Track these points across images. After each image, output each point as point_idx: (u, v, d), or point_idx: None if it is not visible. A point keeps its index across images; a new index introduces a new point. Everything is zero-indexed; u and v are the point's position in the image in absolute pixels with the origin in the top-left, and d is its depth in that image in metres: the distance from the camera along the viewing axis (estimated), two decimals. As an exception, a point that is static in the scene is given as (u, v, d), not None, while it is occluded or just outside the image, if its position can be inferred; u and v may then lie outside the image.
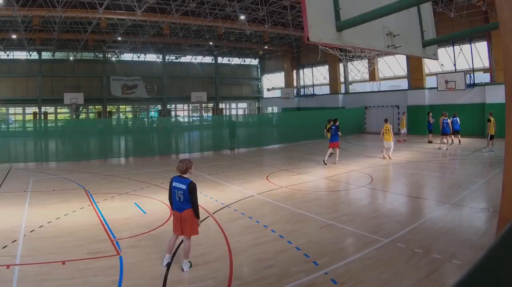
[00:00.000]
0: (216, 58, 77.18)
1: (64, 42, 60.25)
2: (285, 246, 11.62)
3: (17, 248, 11.55)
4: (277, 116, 57.81)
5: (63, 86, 64.36)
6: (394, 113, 48.91)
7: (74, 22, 49.51)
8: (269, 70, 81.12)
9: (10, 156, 33.30)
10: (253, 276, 9.71)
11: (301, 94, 70.04)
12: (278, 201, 17.31)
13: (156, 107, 75.00)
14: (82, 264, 10.44)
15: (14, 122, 59.61)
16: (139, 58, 71.60)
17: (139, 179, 22.92)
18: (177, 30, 54.46)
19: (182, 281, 9.50)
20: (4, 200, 17.99)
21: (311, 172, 24.52)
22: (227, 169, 26.77)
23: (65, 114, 68.57)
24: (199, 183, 21.59)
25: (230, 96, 79.65)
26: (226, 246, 11.75)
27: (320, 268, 9.90)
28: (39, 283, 9.33)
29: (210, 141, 42.72)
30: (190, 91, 72.13)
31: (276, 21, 49.82)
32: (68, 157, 32.62)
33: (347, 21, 9.04)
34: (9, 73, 62.35)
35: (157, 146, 37.47)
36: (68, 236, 12.66)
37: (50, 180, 23.75)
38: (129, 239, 12.55)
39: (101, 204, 17.09)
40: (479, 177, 21.79)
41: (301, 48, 68.91)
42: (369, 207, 16.41)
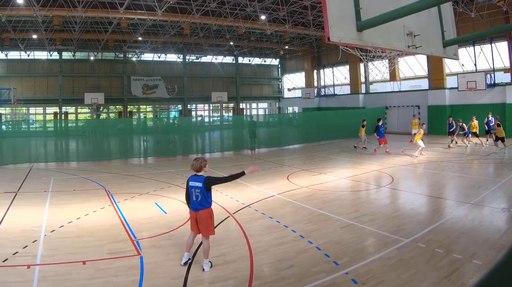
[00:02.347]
0: (236, 58, 77.28)
1: (85, 42, 60.67)
2: (306, 246, 11.58)
3: (38, 248, 11.60)
4: (297, 116, 57.73)
5: (83, 86, 64.88)
6: (415, 113, 48.36)
7: (95, 22, 49.90)
8: (289, 70, 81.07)
9: (30, 156, 33.50)
10: (273, 276, 9.67)
11: (321, 94, 69.80)
12: (299, 201, 17.28)
13: (177, 107, 75.22)
14: (102, 264, 10.47)
15: (35, 122, 59.92)
16: (159, 58, 71.89)
17: (159, 179, 22.97)
18: (197, 30, 54.55)
19: (202, 281, 9.48)
20: (25, 200, 18.10)
21: (331, 172, 24.47)
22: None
23: (85, 114, 69.03)
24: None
25: (251, 96, 79.76)
26: (246, 246, 11.73)
27: (340, 268, 9.87)
28: (60, 283, 9.37)
29: (231, 141, 42.70)
30: (210, 91, 72.20)
31: (297, 21, 49.80)
32: (88, 157, 32.77)
33: (368, 21, 8.99)
34: (29, 73, 62.94)
35: (177, 146, 37.51)
36: (89, 236, 12.72)
37: (71, 180, 23.88)
38: (150, 239, 12.58)
39: (121, 204, 17.16)
40: (500, 176, 21.72)
41: (321, 48, 68.77)
42: (389, 207, 16.32)
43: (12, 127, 47.32)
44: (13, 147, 35.07)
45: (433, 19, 11.65)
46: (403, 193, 19.16)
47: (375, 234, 12.64)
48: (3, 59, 61.75)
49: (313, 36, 60.55)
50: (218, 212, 15.15)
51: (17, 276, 9.71)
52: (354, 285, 9.01)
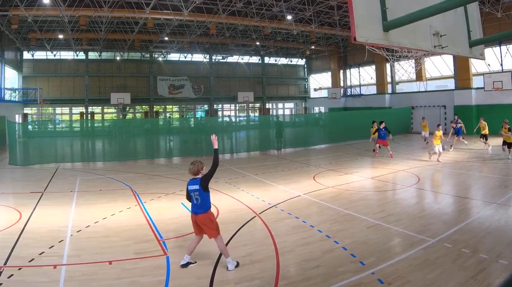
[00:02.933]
0: (263, 58, 77.26)
1: (111, 42, 61.10)
2: (332, 246, 11.59)
3: (64, 248, 11.67)
4: (323, 116, 57.62)
5: (110, 86, 65.39)
6: (441, 114, 48.51)
7: (121, 22, 50.23)
8: (315, 70, 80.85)
9: (57, 156, 33.76)
10: (299, 276, 9.66)
11: (347, 94, 69.71)
12: (325, 201, 17.27)
13: (203, 107, 75.41)
14: (128, 264, 10.53)
15: (61, 122, 60.35)
16: (185, 58, 72.16)
17: (185, 179, 22.66)
18: (224, 30, 54.54)
19: (228, 281, 9.48)
20: (51, 200, 18.25)
21: (357, 172, 24.43)
22: (274, 169, 26.76)
23: (111, 114, 69.60)
24: (246, 183, 21.69)
25: (277, 96, 79.70)
26: (272, 246, 11.72)
27: (366, 268, 9.88)
28: (86, 283, 9.42)
29: (257, 141, 42.72)
30: (237, 91, 72.32)
31: (323, 21, 49.63)
32: (114, 157, 32.92)
33: (394, 21, 8.92)
34: (55, 73, 63.60)
35: (204, 145, 37.56)
36: (115, 236, 12.79)
37: (97, 180, 24.07)
38: (176, 239, 12.62)
39: (148, 204, 17.25)
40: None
41: (348, 48, 68.60)
42: (415, 207, 16.26)
43: (38, 128, 47.72)
44: (39, 147, 35.37)
45: (459, 19, 11.54)
46: (429, 193, 19.21)
47: (401, 234, 12.62)
48: (29, 59, 62.39)
49: (340, 36, 60.37)
50: (244, 212, 15.49)
51: (43, 276, 9.77)
52: (380, 285, 9.03)
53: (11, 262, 10.56)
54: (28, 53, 61.68)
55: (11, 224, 13.82)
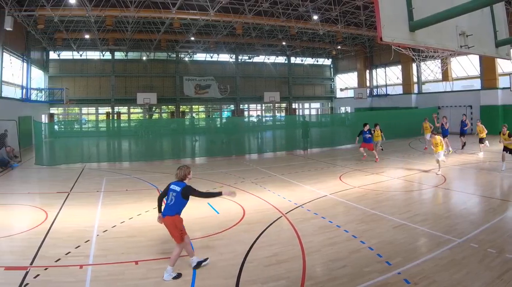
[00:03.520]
0: (289, 58, 77.00)
1: (137, 42, 61.46)
2: (358, 246, 11.61)
3: (90, 248, 11.76)
4: (350, 116, 57.52)
5: (136, 86, 65.74)
6: (467, 114, 47.76)
7: (147, 22, 50.53)
8: (342, 70, 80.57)
9: (83, 155, 34.00)
10: (326, 276, 9.69)
11: (374, 94, 69.59)
12: (351, 201, 17.28)
13: (229, 107, 75.50)
14: (155, 264, 10.59)
15: (87, 122, 60.76)
16: (212, 58, 72.22)
17: (212, 179, 23.03)
18: (250, 30, 54.55)
19: (255, 281, 9.46)
20: (77, 200, 18.38)
21: (384, 172, 24.38)
22: (300, 169, 26.67)
23: (138, 114, 69.98)
24: (272, 183, 21.62)
25: (303, 96, 79.46)
26: (299, 246, 11.72)
27: (393, 268, 9.91)
28: (112, 283, 9.49)
29: (283, 141, 42.69)
30: (263, 91, 72.35)
31: (349, 21, 49.39)
32: (141, 157, 33.04)
33: (420, 21, 8.89)
34: (82, 73, 64.10)
35: (230, 146, 37.57)
36: (141, 236, 12.85)
37: (123, 180, 24.23)
38: (202, 239, 12.66)
39: (173, 204, 17.15)
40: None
41: (374, 48, 68.38)
42: (442, 207, 16.29)
43: (64, 128, 48.03)
44: (66, 147, 35.63)
45: (485, 19, 11.46)
46: (456, 193, 19.05)
47: (428, 234, 12.62)
48: (55, 59, 62.93)
49: (366, 36, 60.10)
50: (270, 212, 15.52)
51: (69, 276, 9.84)
52: (407, 285, 9.06)
53: (37, 262, 10.63)
54: (54, 53, 62.19)
55: (37, 224, 13.93)
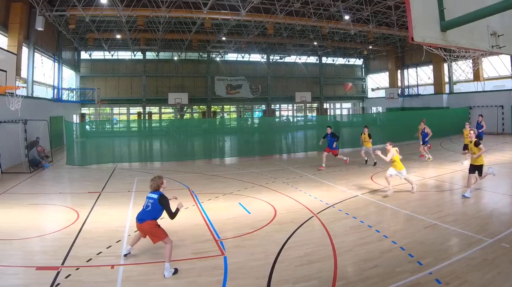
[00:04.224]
0: (320, 58, 76.87)
1: (169, 42, 61.77)
2: (390, 246, 11.65)
3: (122, 248, 11.83)
4: (381, 116, 57.34)
5: (167, 86, 66.11)
6: (499, 114, 47.76)
7: (179, 22, 50.72)
8: (373, 70, 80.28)
9: (114, 156, 34.18)
10: (357, 276, 9.71)
11: (405, 94, 69.11)
12: (383, 201, 17.33)
13: (261, 107, 75.55)
14: (186, 264, 10.62)
15: (118, 122, 61.16)
16: (243, 58, 72.41)
17: (243, 179, 23.07)
18: (281, 30, 54.60)
19: (286, 281, 9.49)
20: (109, 200, 18.56)
21: (415, 172, 24.11)
22: (331, 169, 26.64)
23: (169, 114, 70.43)
24: (304, 182, 21.60)
25: (335, 96, 79.21)
26: (330, 246, 11.75)
27: (424, 268, 9.97)
28: (143, 283, 9.56)
29: (315, 141, 42.57)
30: (294, 91, 72.28)
31: (381, 21, 49.16)
32: (172, 157, 33.13)
33: (451, 21, 8.83)
34: (113, 74, 64.71)
35: (261, 146, 37.58)
36: (172, 236, 12.66)
37: (155, 180, 24.15)
38: (234, 239, 12.64)
39: (205, 204, 17.36)
40: None
41: (405, 48, 67.90)
42: (473, 207, 16.11)
43: (95, 128, 48.40)
44: (97, 147, 35.90)
45: (516, 19, 11.37)
46: (487, 193, 18.92)
47: (459, 234, 12.61)
48: (87, 59, 63.60)
49: (397, 36, 59.56)
50: (302, 212, 15.58)
51: (101, 276, 9.94)
52: (438, 285, 9.10)
53: (68, 262, 10.75)
54: (85, 53, 62.78)
55: (68, 224, 14.05)
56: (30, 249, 12.10)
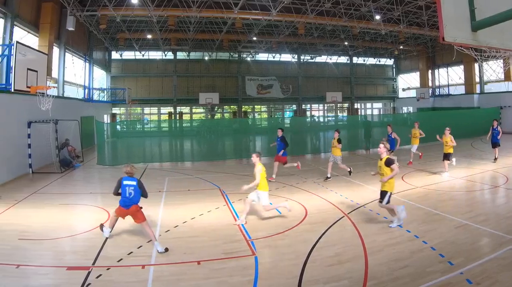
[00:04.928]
0: (351, 58, 76.67)
1: (199, 42, 61.94)
2: (420, 246, 11.65)
3: (152, 248, 11.88)
4: (412, 116, 57.20)
5: (198, 86, 66.43)
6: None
7: (209, 22, 50.87)
8: (404, 70, 79.83)
9: (145, 155, 34.38)
10: (388, 276, 9.72)
11: (436, 94, 68.97)
12: (413, 201, 17.26)
13: (291, 107, 75.59)
14: (217, 264, 10.65)
15: (149, 122, 61.50)
16: (274, 58, 72.30)
17: (275, 179, 22.97)
18: (312, 30, 54.36)
19: (317, 281, 9.51)
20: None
21: (446, 172, 23.81)
22: (362, 169, 26.56)
23: (200, 114, 70.68)
24: (335, 182, 21.60)
25: (365, 96, 79.05)
26: (361, 246, 11.78)
27: (455, 268, 9.98)
28: (174, 283, 9.60)
29: (345, 141, 42.48)
30: (325, 91, 72.16)
31: (411, 21, 48.84)
32: (203, 157, 33.27)
33: (482, 21, 8.77)
34: (144, 74, 65.26)
35: (292, 146, 37.58)
36: (203, 236, 12.96)
37: (185, 180, 24.50)
38: (265, 239, 12.65)
39: (236, 204, 17.41)
40: None
41: (436, 48, 67.38)
42: (504, 207, 16.02)
43: (126, 128, 48.70)
44: (128, 146, 36.12)
45: (548, 19, 11.27)
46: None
47: (490, 234, 12.59)
48: (118, 59, 64.21)
49: (428, 36, 59.12)
50: (333, 212, 15.68)
51: (131, 276, 10.02)
52: (469, 285, 9.10)
53: (99, 262, 10.86)
54: (116, 53, 63.41)
55: (99, 224, 14.05)
56: (61, 249, 12.25)
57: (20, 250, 11.92)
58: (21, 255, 11.42)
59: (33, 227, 14.16)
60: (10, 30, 28.19)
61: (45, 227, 14.14)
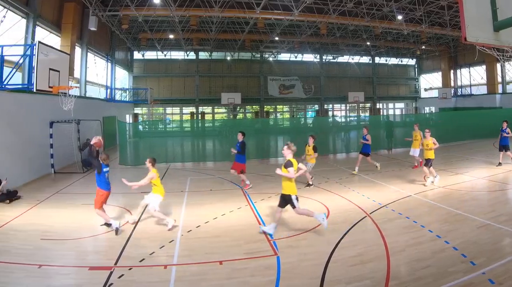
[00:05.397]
0: (373, 58, 76.64)
1: (221, 42, 62.21)
2: (442, 246, 11.58)
3: (175, 248, 11.97)
4: (434, 116, 56.95)
5: (220, 86, 66.75)
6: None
7: (231, 22, 51.04)
8: (426, 70, 79.61)
9: (167, 155, 34.42)
10: (410, 276, 9.72)
11: (458, 94, 68.89)
12: (435, 201, 17.18)
13: (313, 107, 75.53)
14: (239, 264, 10.66)
15: (171, 122, 61.63)
16: (296, 58, 72.41)
17: (298, 180, 22.89)
18: (334, 30, 54.34)
19: (339, 281, 9.51)
20: (162, 200, 18.56)
21: (468, 172, 23.98)
22: (384, 169, 26.44)
23: (222, 114, 70.94)
24: (357, 182, 21.79)
25: (387, 96, 78.90)
26: (383, 246, 11.75)
27: (477, 268, 9.93)
28: (196, 283, 9.63)
29: (368, 141, 42.60)
30: (347, 91, 72.14)
31: (433, 21, 48.70)
32: (225, 157, 33.12)
33: (504, 21, 8.74)
34: (166, 74, 65.68)
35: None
36: (225, 236, 12.98)
37: (207, 180, 24.58)
38: (287, 239, 12.64)
39: (258, 204, 17.43)
40: None
41: (458, 48, 67.15)
42: (526, 207, 15.92)
43: (148, 128, 48.84)
44: (150, 146, 36.21)
45: None
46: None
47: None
48: (140, 59, 64.75)
49: (450, 36, 58.94)
50: (355, 212, 15.67)
51: (154, 276, 10.08)
52: (491, 285, 9.08)
53: (121, 262, 10.93)
54: (138, 53, 63.89)
55: (121, 224, 14.14)
56: (83, 249, 12.37)
57: (42, 250, 12.03)
58: (43, 255, 11.52)
59: (55, 227, 14.30)
60: (32, 30, 28.41)
61: (67, 227, 14.28)
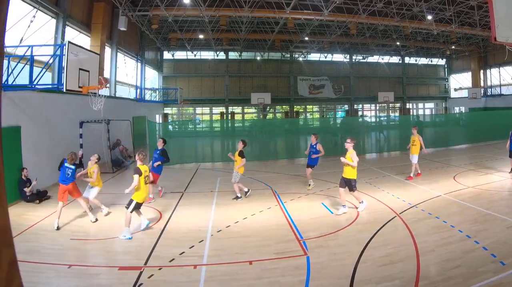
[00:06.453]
0: (403, 58, 76.11)
1: (251, 42, 62.19)
2: (472, 246, 11.57)
3: (204, 248, 12.04)
4: (464, 116, 56.69)
5: (250, 86, 66.81)
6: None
7: (261, 22, 50.98)
8: (456, 70, 78.85)
9: (197, 155, 34.57)
10: (440, 276, 9.69)
11: (488, 94, 68.41)
12: (465, 200, 17.08)
13: (343, 107, 75.34)
14: (269, 264, 10.69)
15: (201, 122, 61.82)
16: (326, 58, 72.11)
17: (326, 179, 22.98)
18: (364, 30, 54.03)
19: (369, 281, 9.53)
20: (192, 200, 18.90)
21: (498, 172, 23.73)
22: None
23: (252, 114, 70.97)
24: (386, 182, 21.72)
25: (417, 96, 78.38)
26: (413, 246, 11.76)
27: (507, 268, 9.92)
28: (226, 283, 9.67)
29: (397, 141, 42.31)
30: (377, 91, 71.77)
31: (463, 21, 48.26)
32: (255, 157, 33.21)
33: (535, 21, 8.68)
34: (196, 74, 65.84)
35: (341, 145, 37.51)
36: (255, 236, 13.03)
37: (237, 180, 24.33)
38: (316, 239, 12.63)
39: (288, 204, 17.43)
40: None
41: (488, 48, 66.42)
42: (557, 207, 15.82)
43: (178, 128, 49.02)
44: (180, 146, 36.28)
45: None
46: None
47: None
48: (170, 59, 64.99)
49: (480, 36, 58.30)
50: (384, 212, 15.69)
51: (183, 276, 10.15)
52: None
53: (151, 262, 11.04)
54: (168, 53, 64.17)
55: (151, 224, 14.35)
56: (112, 249, 12.52)
57: (71, 250, 12.27)
58: (73, 255, 11.77)
59: (84, 227, 14.55)
60: (62, 30, 28.65)
61: (97, 227, 14.51)
